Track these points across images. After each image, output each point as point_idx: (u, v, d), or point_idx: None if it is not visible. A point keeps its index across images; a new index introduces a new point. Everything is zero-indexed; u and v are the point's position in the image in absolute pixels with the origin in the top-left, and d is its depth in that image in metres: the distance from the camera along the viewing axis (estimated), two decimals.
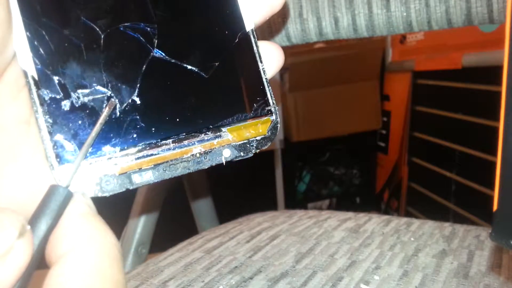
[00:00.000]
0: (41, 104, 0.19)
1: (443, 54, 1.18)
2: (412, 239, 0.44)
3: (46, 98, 0.19)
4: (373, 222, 0.49)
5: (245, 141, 0.23)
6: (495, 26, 0.95)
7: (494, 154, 0.20)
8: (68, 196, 0.18)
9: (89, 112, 0.20)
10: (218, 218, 0.79)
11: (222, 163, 0.22)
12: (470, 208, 1.09)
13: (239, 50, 0.24)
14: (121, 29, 0.21)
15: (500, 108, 0.20)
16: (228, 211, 0.72)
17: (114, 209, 0.19)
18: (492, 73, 0.92)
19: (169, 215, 0.78)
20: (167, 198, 0.70)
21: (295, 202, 1.57)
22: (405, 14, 0.45)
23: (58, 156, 0.19)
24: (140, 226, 0.67)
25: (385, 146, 1.54)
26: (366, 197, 1.65)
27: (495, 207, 0.20)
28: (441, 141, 1.20)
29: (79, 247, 0.17)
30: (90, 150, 0.19)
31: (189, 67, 0.22)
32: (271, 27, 0.49)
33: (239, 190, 1.37)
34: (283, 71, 1.37)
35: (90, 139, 0.19)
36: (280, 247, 0.43)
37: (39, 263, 0.17)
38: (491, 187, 0.26)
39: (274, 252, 0.42)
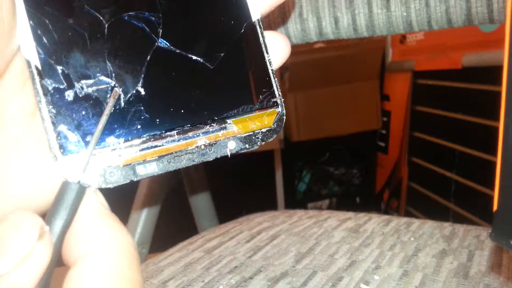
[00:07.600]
0: (45, 94, 0.19)
1: (443, 54, 1.17)
2: (412, 239, 0.44)
3: (50, 88, 0.19)
4: (373, 222, 0.49)
5: (250, 133, 0.22)
6: (495, 26, 0.95)
7: (494, 154, 0.20)
8: (81, 192, 0.18)
9: (93, 102, 0.19)
10: (218, 218, 0.79)
11: (227, 155, 0.22)
12: (470, 208, 1.09)
13: (245, 41, 0.23)
14: (126, 18, 0.21)
15: (500, 108, 0.20)
16: (228, 211, 0.72)
17: (114, 209, 0.19)
18: (492, 73, 0.92)
19: (169, 215, 0.78)
20: (167, 199, 0.70)
21: (295, 202, 1.57)
22: (405, 14, 0.45)
23: (61, 146, 0.19)
24: (140, 226, 0.67)
25: (385, 146, 1.54)
26: (366, 197, 1.65)
27: (495, 207, 0.20)
28: (441, 141, 1.20)
29: (97, 248, 0.17)
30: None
31: (194, 57, 0.22)
32: (271, 27, 0.49)
33: (239, 190, 1.37)
34: (283, 70, 1.37)
35: (97, 132, 0.19)
36: (280, 247, 0.43)
37: (57, 261, 0.17)
38: (491, 187, 0.26)
39: (274, 252, 0.42)
